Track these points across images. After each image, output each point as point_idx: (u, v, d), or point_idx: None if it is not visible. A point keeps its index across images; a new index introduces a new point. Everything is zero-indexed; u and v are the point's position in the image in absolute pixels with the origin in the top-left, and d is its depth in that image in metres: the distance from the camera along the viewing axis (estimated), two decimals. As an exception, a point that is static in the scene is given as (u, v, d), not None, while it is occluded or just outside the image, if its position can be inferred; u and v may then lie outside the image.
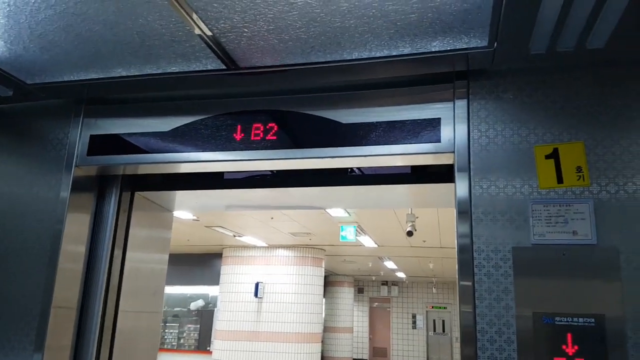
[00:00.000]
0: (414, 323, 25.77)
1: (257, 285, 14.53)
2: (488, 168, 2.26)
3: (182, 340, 18.20)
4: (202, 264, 17.23)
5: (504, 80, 2.36)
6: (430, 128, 2.39)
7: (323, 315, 20.35)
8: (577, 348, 2.02)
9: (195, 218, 10.82)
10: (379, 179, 2.86)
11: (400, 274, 22.43)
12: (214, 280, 16.21)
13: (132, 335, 3.13)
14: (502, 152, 2.27)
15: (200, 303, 18.51)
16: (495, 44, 2.12)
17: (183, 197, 3.39)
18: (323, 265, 15.85)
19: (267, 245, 14.89)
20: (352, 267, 20.44)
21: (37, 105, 2.99)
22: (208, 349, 16.93)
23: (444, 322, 25.65)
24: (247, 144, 2.59)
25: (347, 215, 9.94)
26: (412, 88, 2.47)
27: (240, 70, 2.45)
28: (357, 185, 2.91)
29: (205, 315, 18.13)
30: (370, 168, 2.86)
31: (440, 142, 2.36)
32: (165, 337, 18.21)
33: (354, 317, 24.97)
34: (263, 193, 3.22)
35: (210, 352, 15.80)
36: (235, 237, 13.27)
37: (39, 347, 2.59)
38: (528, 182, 2.21)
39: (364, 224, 11.10)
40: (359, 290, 26.37)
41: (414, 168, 2.79)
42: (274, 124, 2.59)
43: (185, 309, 18.51)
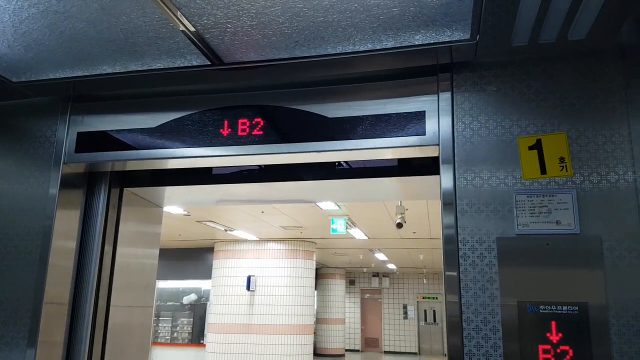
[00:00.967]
0: (405, 313, 25.93)
1: (249, 279, 14.55)
2: (472, 160, 2.29)
3: (175, 334, 18.20)
4: (194, 259, 17.22)
5: (488, 73, 2.38)
6: (416, 121, 2.41)
7: (315, 307, 20.42)
8: (561, 335, 2.05)
9: (186, 213, 10.81)
10: (367, 172, 2.88)
11: (391, 266, 22.52)
12: (206, 275, 16.21)
13: (124, 330, 3.15)
14: (486, 143, 2.30)
15: (193, 297, 18.50)
16: (478, 37, 2.14)
17: (172, 192, 3.39)
18: (314, 258, 15.89)
19: (258, 239, 14.90)
20: (343, 259, 20.49)
21: (23, 103, 2.98)
22: (201, 342, 16.95)
23: (435, 312, 25.81)
24: (234, 139, 2.60)
25: (337, 208, 9.97)
26: (396, 81, 2.49)
27: (225, 66, 2.46)
28: (344, 179, 2.93)
29: (198, 309, 18.13)
30: (358, 161, 2.87)
31: (425, 134, 2.38)
32: (159, 331, 18.21)
33: (346, 308, 25.05)
34: (252, 187, 3.23)
35: (204, 345, 15.83)
36: (227, 231, 13.27)
37: (32, 343, 2.61)
38: (512, 173, 2.24)
39: (355, 217, 11.13)
40: (351, 282, 26.47)
41: (401, 161, 2.81)
42: (261, 119, 2.60)
43: (178, 303, 18.50)
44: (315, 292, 19.54)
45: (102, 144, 2.80)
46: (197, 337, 17.76)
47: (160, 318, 18.39)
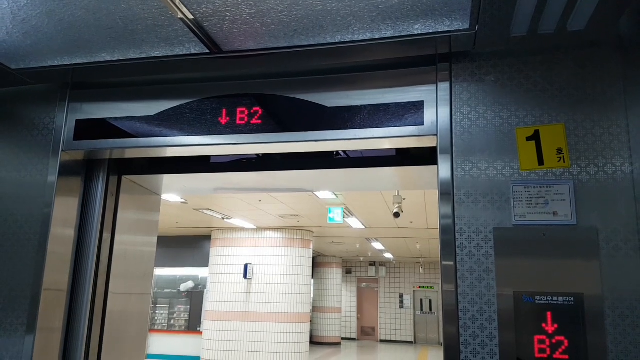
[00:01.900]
0: (402, 302, 26.04)
1: (246, 267, 14.58)
2: (470, 150, 2.30)
3: (172, 322, 18.25)
4: (191, 246, 17.24)
5: (487, 63, 2.38)
6: (414, 111, 2.41)
7: (312, 296, 20.49)
8: (556, 326, 2.07)
9: (184, 201, 10.81)
10: (365, 162, 2.89)
11: (388, 255, 22.57)
12: (204, 262, 16.24)
13: (122, 317, 3.16)
14: (484, 134, 2.30)
15: (190, 284, 18.52)
16: (477, 27, 2.13)
17: (170, 180, 3.40)
18: (311, 247, 15.91)
19: (255, 227, 14.91)
20: (340, 248, 20.53)
21: (22, 90, 2.98)
22: (198, 330, 17.00)
23: (431, 301, 25.94)
24: (232, 128, 2.61)
25: (334, 198, 9.96)
26: (395, 71, 2.49)
27: (224, 54, 2.45)
28: (342, 168, 2.93)
29: (195, 297, 18.15)
30: (356, 151, 2.87)
31: (424, 124, 2.38)
32: (156, 318, 18.25)
33: (342, 297, 25.16)
34: (250, 176, 3.24)
35: (201, 332, 15.88)
36: (224, 219, 13.27)
37: (31, 329, 2.62)
38: (509, 164, 2.25)
39: (352, 206, 11.13)
40: (347, 271, 26.56)
41: (399, 151, 2.81)
42: (259, 108, 2.60)
43: (176, 291, 18.53)
44: (312, 280, 19.61)
45: (100, 132, 2.80)
46: (194, 324, 17.80)
47: (158, 305, 18.42)
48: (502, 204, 2.21)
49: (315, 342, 22.37)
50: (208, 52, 2.44)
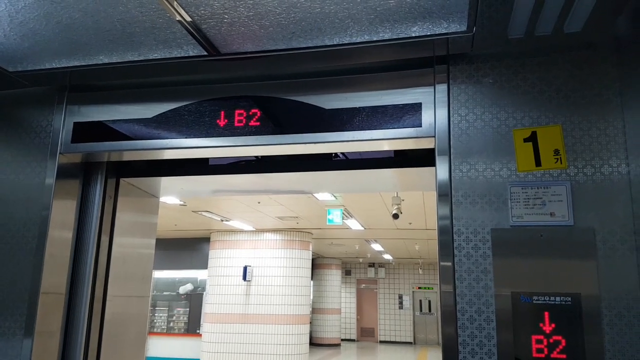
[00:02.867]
0: (401, 303, 26.04)
1: (245, 269, 14.57)
2: (468, 152, 2.30)
3: (171, 324, 18.22)
4: (190, 249, 17.23)
5: (484, 65, 2.39)
6: (412, 112, 2.42)
7: (311, 297, 20.47)
8: (554, 326, 2.07)
9: (183, 203, 10.80)
10: (363, 164, 2.89)
11: (387, 256, 22.57)
12: (203, 264, 16.22)
13: (120, 320, 3.16)
14: (481, 135, 2.31)
15: (189, 287, 18.50)
16: (475, 29, 2.14)
17: (169, 182, 3.40)
18: (310, 248, 15.90)
19: (254, 229, 14.91)
20: (339, 249, 20.53)
21: (20, 93, 2.98)
22: (198, 332, 16.98)
23: (430, 302, 25.95)
24: (230, 130, 2.61)
25: (333, 199, 9.96)
26: (393, 73, 2.50)
27: (222, 56, 2.46)
28: (341, 170, 2.94)
29: (195, 299, 18.12)
30: (355, 153, 2.88)
31: (422, 126, 2.39)
32: (155, 321, 18.22)
33: (342, 298, 25.14)
34: (249, 178, 3.24)
35: (200, 335, 15.86)
36: (223, 221, 13.26)
37: (29, 332, 2.62)
38: (507, 165, 2.25)
39: (351, 208, 11.13)
40: (347, 272, 26.56)
41: (397, 152, 2.82)
42: (257, 110, 2.61)
43: (175, 293, 18.51)
44: (312, 282, 19.58)
45: (98, 134, 2.80)
46: (193, 327, 17.77)
47: (157, 308, 18.40)
48: (499, 205, 2.22)
49: (315, 343, 22.36)
50: (206, 54, 2.44)
